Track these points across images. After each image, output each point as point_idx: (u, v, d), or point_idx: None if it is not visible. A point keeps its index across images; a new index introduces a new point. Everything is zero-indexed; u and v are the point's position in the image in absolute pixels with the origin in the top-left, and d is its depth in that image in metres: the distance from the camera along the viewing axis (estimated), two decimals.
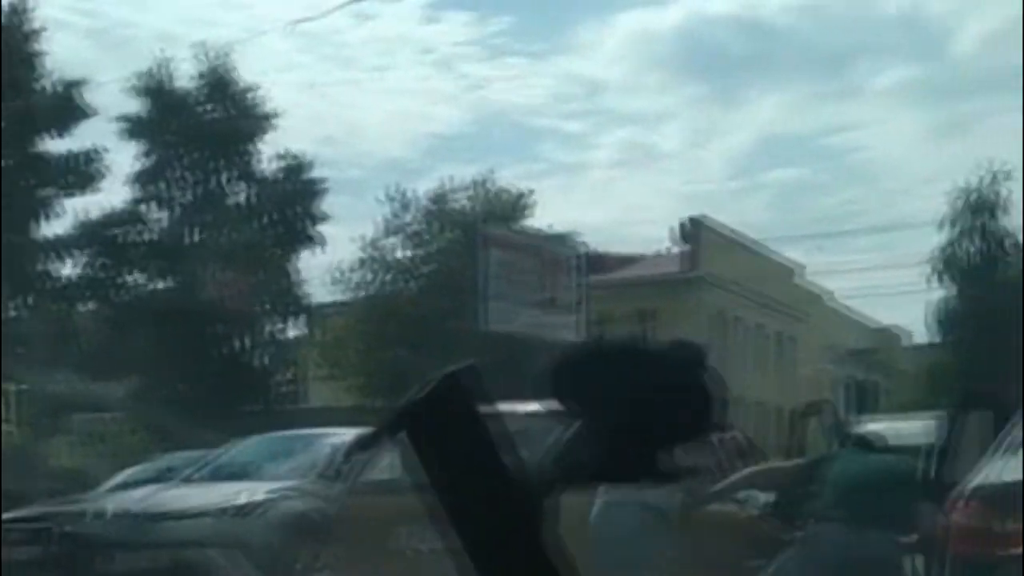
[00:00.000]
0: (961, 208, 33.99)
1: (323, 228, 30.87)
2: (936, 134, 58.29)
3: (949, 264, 34.08)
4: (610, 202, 59.02)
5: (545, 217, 34.14)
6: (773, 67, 61.87)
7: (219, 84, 29.97)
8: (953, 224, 33.94)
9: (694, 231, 35.99)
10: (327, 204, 30.82)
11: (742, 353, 36.58)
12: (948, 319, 34.52)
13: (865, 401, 34.94)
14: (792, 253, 39.53)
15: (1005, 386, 5.47)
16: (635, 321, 35.00)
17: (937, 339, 35.56)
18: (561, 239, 33.05)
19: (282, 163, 30.41)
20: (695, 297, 35.63)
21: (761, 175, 66.38)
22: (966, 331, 33.09)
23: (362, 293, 32.60)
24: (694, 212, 36.87)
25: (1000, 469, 4.69)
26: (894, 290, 54.43)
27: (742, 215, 64.15)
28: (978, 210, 33.98)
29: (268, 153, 30.42)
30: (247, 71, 30.35)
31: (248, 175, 30.39)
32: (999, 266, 33.87)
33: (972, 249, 33.98)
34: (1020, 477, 4.56)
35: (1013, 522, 4.39)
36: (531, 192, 34.41)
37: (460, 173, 35.27)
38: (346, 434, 11.02)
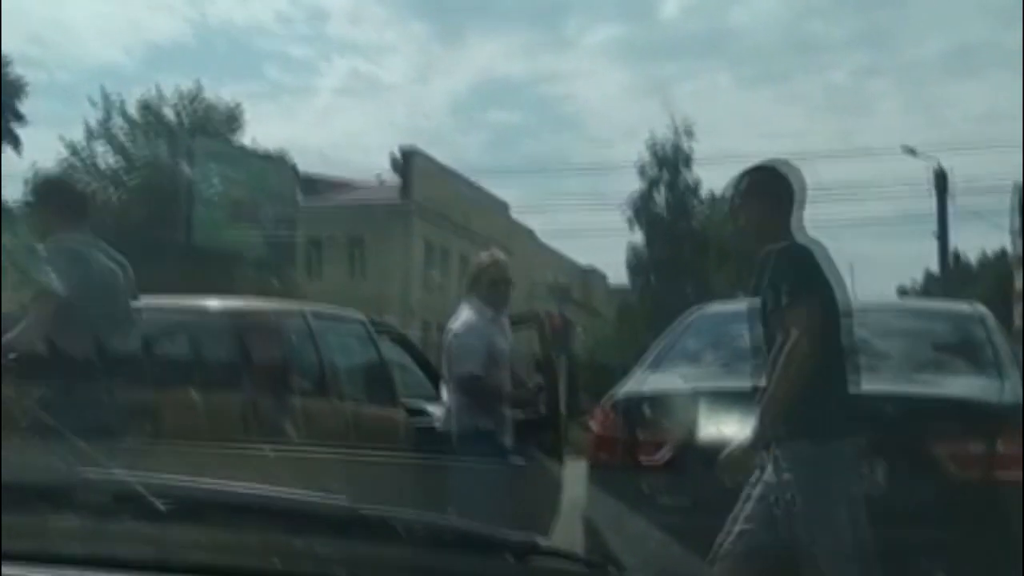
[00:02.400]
0: (652, 160, 36.24)
1: (26, 130, 29.23)
2: (639, 91, 60.88)
3: (641, 210, 36.15)
4: (330, 128, 58.42)
5: (260, 136, 33.55)
6: (493, 13, 62.77)
7: None
8: (643, 173, 36.14)
9: (407, 162, 36.25)
10: (31, 105, 29.16)
11: (447, 283, 37.31)
12: (640, 261, 36.60)
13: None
14: (502, 191, 40.55)
15: None
16: (344, 246, 35.07)
17: (632, 281, 37.54)
18: (273, 158, 32.58)
19: None
20: (403, 226, 35.97)
21: (478, 115, 67.36)
22: (657, 274, 35.18)
23: None
24: (413, 144, 37.16)
25: (639, 382, 5.15)
26: (598, 232, 56.74)
27: (457, 152, 64.99)
28: (667, 162, 36.32)
29: None
30: None
31: None
32: (683, 214, 36.28)
33: (660, 198, 36.28)
34: (654, 389, 5.04)
35: (644, 432, 4.82)
36: (239, 106, 33.69)
37: (173, 84, 34.08)
38: None
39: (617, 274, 39.38)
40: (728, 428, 4.71)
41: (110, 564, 1.34)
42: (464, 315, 5.72)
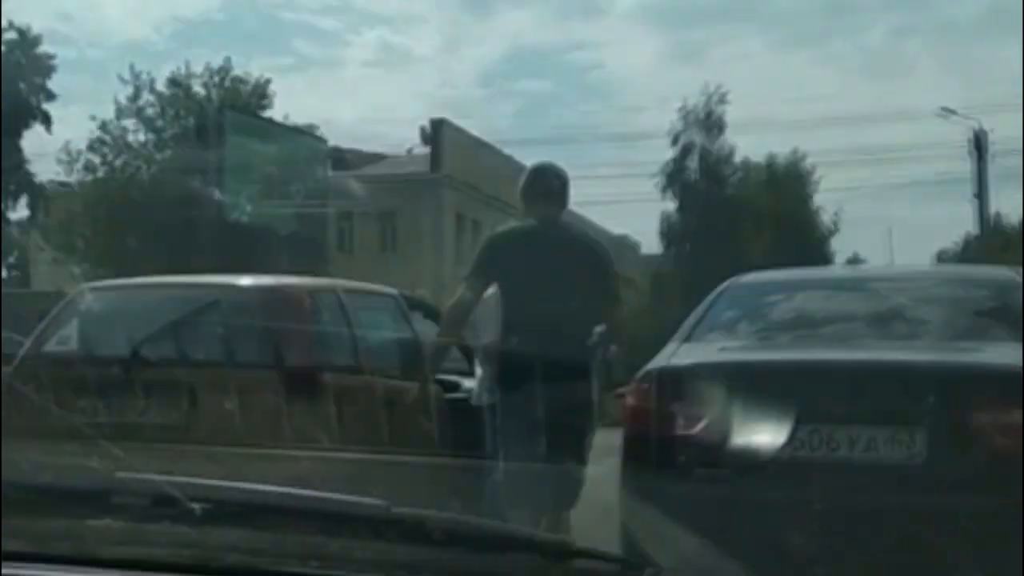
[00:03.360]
0: (685, 126, 35.96)
1: (55, 106, 29.40)
2: (670, 57, 60.46)
3: (674, 177, 35.92)
4: (359, 101, 58.42)
5: (290, 110, 33.56)
6: None
7: None
8: (675, 141, 35.87)
9: (437, 133, 36.18)
10: (61, 82, 29.32)
11: None
12: (673, 231, 36.40)
13: None
14: (534, 160, 40.36)
15: None
16: (375, 219, 35.09)
17: (665, 249, 37.38)
18: (303, 132, 32.61)
19: (6, 36, 28.64)
20: (435, 198, 35.94)
21: (508, 85, 67.09)
22: (691, 243, 35.00)
23: (92, 176, 31.28)
24: (441, 116, 37.05)
25: (674, 355, 5.10)
26: (630, 199, 56.51)
27: (488, 121, 64.75)
28: (700, 129, 36.02)
29: None
30: None
31: None
32: (719, 182, 36.00)
33: (693, 165, 35.99)
34: (691, 362, 5.00)
35: (679, 403, 4.79)
36: (269, 82, 33.72)
37: (202, 59, 34.18)
38: None
39: (649, 243, 39.20)
40: (763, 400, 4.71)
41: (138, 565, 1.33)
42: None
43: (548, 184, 5.63)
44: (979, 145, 29.68)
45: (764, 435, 4.61)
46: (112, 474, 1.54)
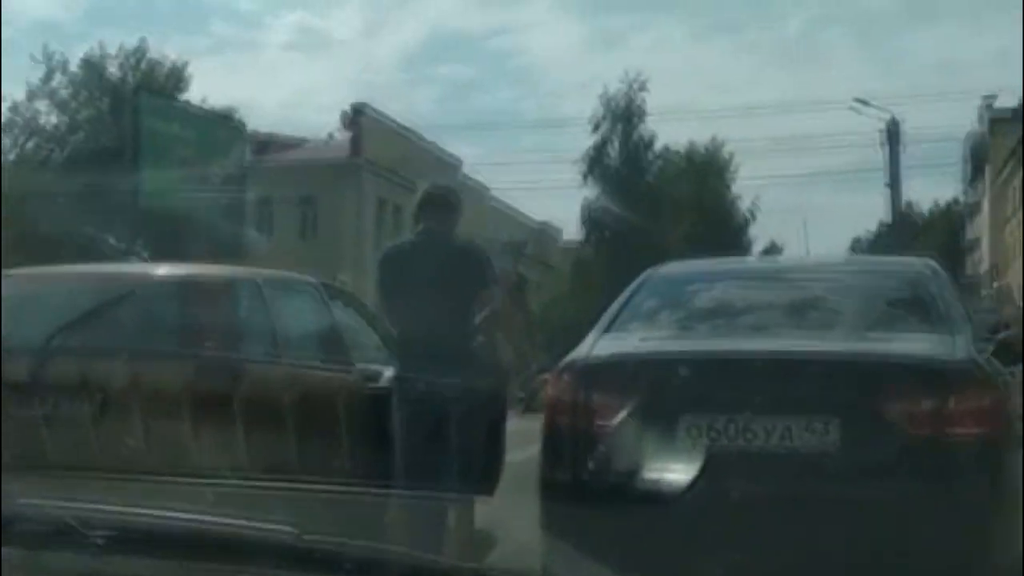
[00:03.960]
0: (605, 114, 36.17)
1: None
2: (591, 44, 60.74)
3: (595, 165, 36.13)
4: (279, 85, 57.85)
5: (208, 94, 33.04)
6: None
7: None
8: (596, 128, 36.06)
9: (357, 118, 35.92)
10: None
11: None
12: (594, 218, 36.61)
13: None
14: (455, 147, 40.39)
15: None
16: (295, 205, 34.78)
17: (587, 236, 37.57)
18: (221, 116, 32.17)
19: None
20: (355, 184, 35.71)
21: (429, 70, 66.80)
22: (612, 230, 35.23)
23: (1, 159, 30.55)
24: (362, 100, 36.78)
25: (594, 346, 5.13)
26: (552, 186, 56.71)
27: (410, 107, 64.49)
28: (620, 116, 36.25)
29: None
30: None
31: None
32: (639, 169, 36.30)
33: (614, 153, 36.23)
34: (611, 352, 5.02)
35: (598, 394, 4.81)
36: (186, 64, 33.20)
37: (117, 40, 33.53)
38: None
39: (571, 230, 39.38)
40: (681, 391, 4.75)
41: None
42: None
43: (434, 201, 6.22)
44: (891, 135, 30.22)
45: (682, 425, 4.65)
46: (14, 501, 1.49)
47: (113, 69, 31.91)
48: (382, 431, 5.87)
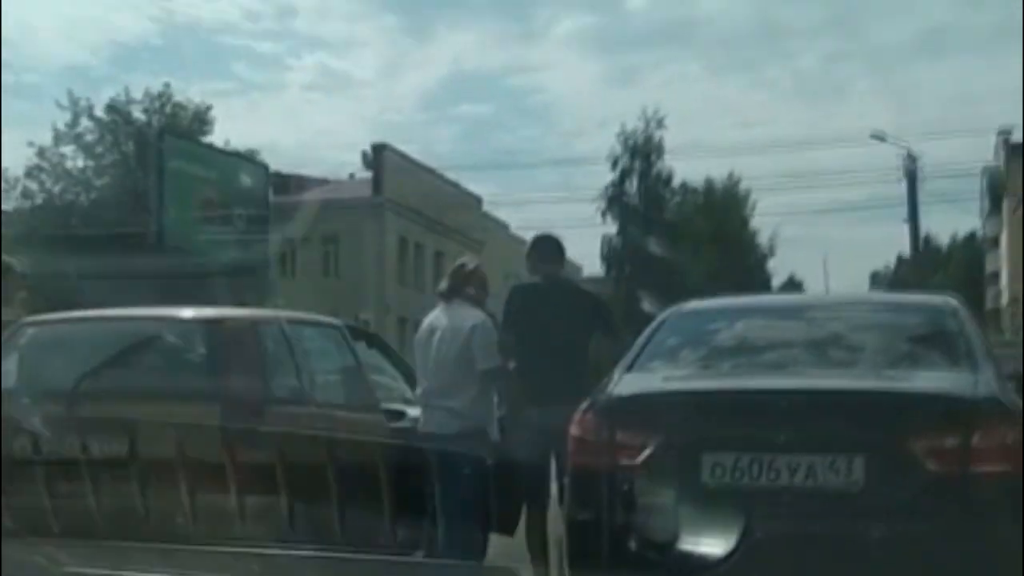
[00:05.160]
0: (624, 150, 36.31)
1: None
2: (608, 81, 60.98)
3: (613, 201, 36.23)
4: (301, 125, 58.31)
5: (231, 135, 33.36)
6: (461, 5, 62.76)
7: None
8: (615, 165, 36.18)
9: (378, 157, 36.15)
10: None
11: (423, 278, 37.28)
12: (614, 253, 36.67)
13: None
14: (475, 185, 40.54)
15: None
16: (318, 244, 34.96)
17: (607, 272, 37.60)
18: (244, 157, 32.42)
19: None
20: (377, 222, 35.88)
21: (449, 109, 67.16)
22: (631, 265, 35.25)
23: (30, 202, 30.86)
24: (385, 139, 37.03)
25: (618, 384, 5.15)
26: (571, 223, 56.70)
27: (430, 146, 64.84)
28: (638, 153, 36.38)
29: None
30: None
31: None
32: (658, 205, 36.37)
33: (632, 189, 36.36)
34: (634, 391, 5.04)
35: (622, 432, 4.83)
36: (209, 108, 33.51)
37: (142, 85, 33.94)
38: None
39: (592, 265, 39.40)
40: (705, 429, 4.76)
41: None
42: (463, 311, 6.32)
43: (546, 249, 6.90)
44: (909, 169, 30.19)
45: (706, 464, 4.66)
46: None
47: (138, 113, 32.25)
48: (408, 472, 5.89)
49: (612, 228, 36.86)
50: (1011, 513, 4.52)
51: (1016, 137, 44.37)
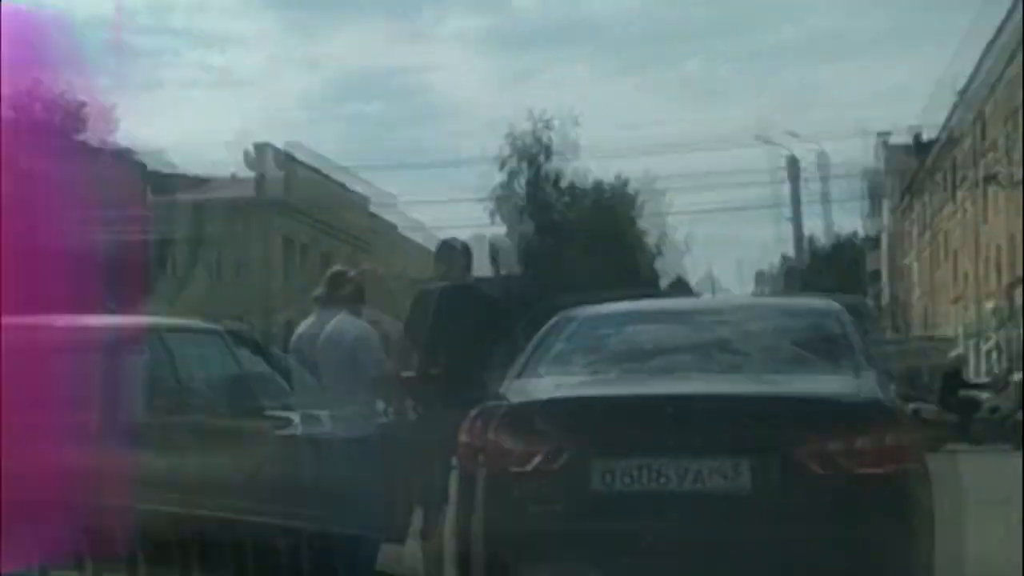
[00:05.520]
0: (512, 152, 36.46)
1: None
2: (496, 82, 61.20)
3: (502, 203, 36.34)
4: (181, 123, 57.21)
5: (106, 133, 32.45)
6: (346, 4, 62.37)
7: None
8: (503, 166, 36.30)
9: (261, 157, 35.64)
10: None
11: (309, 280, 36.80)
12: (503, 254, 36.71)
13: None
14: (362, 186, 40.16)
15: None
16: (199, 245, 34.30)
17: (495, 274, 37.63)
18: (122, 155, 31.63)
19: None
20: (261, 223, 35.37)
21: (335, 108, 66.66)
22: (520, 267, 35.36)
23: None
24: (268, 139, 36.49)
25: (507, 390, 5.11)
26: (459, 224, 56.68)
27: (316, 146, 64.17)
28: (526, 154, 36.57)
29: None
30: None
31: None
32: (546, 207, 36.59)
33: (521, 191, 36.53)
34: (522, 399, 5.01)
35: (510, 439, 4.78)
36: (83, 105, 32.61)
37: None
38: None
39: (480, 267, 39.42)
40: (593, 435, 4.74)
41: None
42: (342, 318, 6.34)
43: (453, 254, 6.89)
44: (792, 171, 30.92)
45: (595, 469, 4.64)
46: None
47: (8, 109, 31.31)
48: (295, 476, 5.80)
49: (501, 229, 36.97)
50: (895, 513, 4.61)
51: (894, 140, 45.72)
